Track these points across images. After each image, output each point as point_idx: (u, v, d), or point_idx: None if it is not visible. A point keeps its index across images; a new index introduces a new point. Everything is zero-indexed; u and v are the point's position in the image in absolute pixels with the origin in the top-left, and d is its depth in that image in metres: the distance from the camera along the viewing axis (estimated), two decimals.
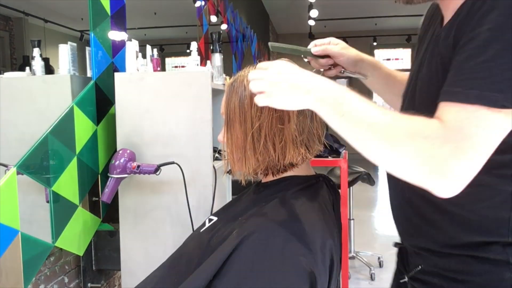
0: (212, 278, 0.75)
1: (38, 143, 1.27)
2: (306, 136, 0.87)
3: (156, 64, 1.62)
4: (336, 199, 0.95)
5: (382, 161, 0.65)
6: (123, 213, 1.54)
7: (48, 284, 1.47)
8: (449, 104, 0.62)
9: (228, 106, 0.89)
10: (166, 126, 1.49)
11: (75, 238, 1.45)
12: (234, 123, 0.88)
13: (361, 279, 3.10)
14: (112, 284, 1.84)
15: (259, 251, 0.74)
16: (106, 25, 1.62)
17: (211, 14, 3.40)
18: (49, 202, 1.32)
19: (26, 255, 1.19)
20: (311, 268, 0.74)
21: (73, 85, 1.50)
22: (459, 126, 0.60)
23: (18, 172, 1.17)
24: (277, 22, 8.33)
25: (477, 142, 0.59)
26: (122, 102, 1.52)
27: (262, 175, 0.93)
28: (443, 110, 0.62)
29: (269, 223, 0.77)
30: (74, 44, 1.53)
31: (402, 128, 0.63)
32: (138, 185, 1.53)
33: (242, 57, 4.49)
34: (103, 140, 1.59)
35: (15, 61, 1.57)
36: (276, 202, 0.84)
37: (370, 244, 3.77)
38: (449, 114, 0.61)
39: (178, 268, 0.90)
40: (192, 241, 0.95)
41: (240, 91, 0.87)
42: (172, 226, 1.51)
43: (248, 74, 0.87)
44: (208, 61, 1.74)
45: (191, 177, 1.47)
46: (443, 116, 0.62)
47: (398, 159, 0.63)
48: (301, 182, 0.89)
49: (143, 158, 1.50)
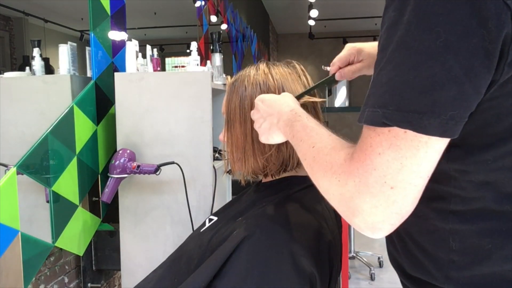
0: (212, 278, 0.75)
1: (38, 143, 1.27)
2: None
3: (156, 64, 1.62)
4: None
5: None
6: (123, 213, 1.54)
7: (48, 284, 1.47)
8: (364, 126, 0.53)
9: (228, 106, 0.89)
10: (166, 126, 1.49)
11: (75, 238, 1.45)
12: (234, 123, 0.88)
13: (361, 279, 3.10)
14: (112, 284, 1.84)
15: (259, 252, 0.74)
16: (106, 25, 1.62)
17: (211, 14, 3.40)
18: (49, 202, 1.32)
19: (26, 255, 1.19)
20: (311, 268, 0.74)
21: (73, 85, 1.50)
22: (363, 156, 0.51)
23: (18, 172, 1.17)
24: (277, 22, 8.33)
25: (382, 174, 0.49)
26: (122, 102, 1.52)
27: (262, 176, 0.93)
28: (362, 132, 0.54)
29: (269, 224, 0.77)
30: (74, 44, 1.53)
31: (319, 164, 0.58)
32: (138, 185, 1.53)
33: (242, 57, 4.49)
34: (103, 140, 1.59)
35: (15, 61, 1.57)
36: (277, 202, 0.84)
37: (370, 244, 3.77)
38: (360, 139, 0.53)
39: (178, 268, 0.90)
40: (192, 240, 0.95)
41: (241, 91, 0.87)
42: (172, 226, 1.51)
43: (249, 74, 0.87)
44: (208, 61, 1.74)
45: (191, 177, 1.47)
46: (360, 140, 0.53)
47: (325, 196, 0.58)
48: (301, 183, 0.89)
49: (143, 158, 1.50)
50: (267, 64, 0.90)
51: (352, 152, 0.53)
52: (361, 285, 3.02)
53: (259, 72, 0.88)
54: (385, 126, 0.48)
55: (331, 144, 0.59)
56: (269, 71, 0.88)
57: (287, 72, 0.88)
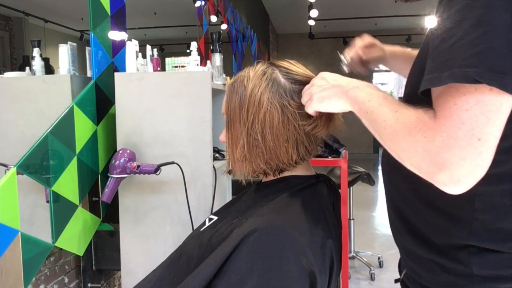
0: (212, 277, 0.75)
1: (38, 143, 1.27)
2: (305, 137, 0.87)
3: (156, 64, 1.62)
4: (336, 199, 0.95)
5: (398, 158, 0.64)
6: (123, 213, 1.54)
7: (48, 284, 1.47)
8: (434, 90, 0.60)
9: (228, 106, 0.89)
10: (166, 126, 1.49)
11: (75, 238, 1.45)
12: (234, 123, 0.88)
13: (361, 279, 3.10)
14: (112, 284, 1.84)
15: (259, 251, 0.74)
16: (106, 25, 1.62)
17: (211, 14, 3.40)
18: (49, 202, 1.32)
19: (26, 255, 1.19)
20: (311, 268, 0.74)
21: (73, 85, 1.50)
22: (448, 113, 0.56)
23: (18, 172, 1.17)
24: (277, 22, 8.33)
25: (470, 127, 0.54)
26: (122, 102, 1.52)
27: (262, 175, 0.93)
28: (434, 99, 0.60)
29: (269, 223, 0.78)
30: (74, 44, 1.53)
31: (404, 124, 0.62)
32: (138, 185, 1.53)
33: (242, 57, 4.49)
34: (103, 140, 1.59)
35: (15, 61, 1.57)
36: (277, 202, 0.84)
37: (370, 244, 3.77)
38: (437, 102, 0.59)
39: (178, 267, 0.90)
40: (192, 240, 0.95)
41: (240, 91, 0.87)
42: (172, 226, 1.51)
43: (248, 74, 0.88)
44: (208, 61, 1.74)
45: (191, 177, 1.47)
46: (435, 105, 0.59)
47: (404, 156, 0.62)
48: (301, 182, 0.89)
49: (143, 158, 1.50)
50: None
51: (435, 112, 0.58)
52: (361, 285, 3.02)
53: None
54: (476, 83, 0.54)
55: (411, 109, 0.63)
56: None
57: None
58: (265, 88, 0.85)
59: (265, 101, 0.84)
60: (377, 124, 0.67)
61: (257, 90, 0.85)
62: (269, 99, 0.84)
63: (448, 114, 0.56)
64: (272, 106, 0.84)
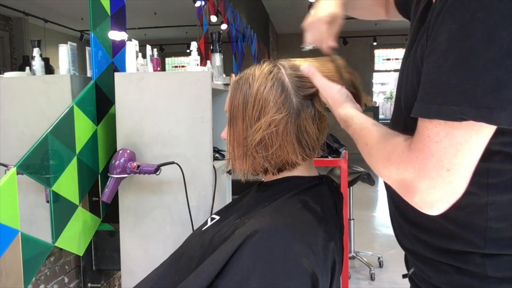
0: (214, 277, 0.75)
1: (38, 143, 1.26)
2: (307, 137, 0.87)
3: (156, 64, 1.62)
4: (339, 200, 0.95)
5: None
6: (123, 213, 1.54)
7: (48, 284, 1.47)
8: (420, 119, 0.61)
9: (232, 103, 0.89)
10: (166, 126, 1.49)
11: (75, 238, 1.45)
12: (236, 119, 0.88)
13: (361, 279, 3.10)
14: (112, 284, 1.84)
15: (261, 252, 0.74)
16: (106, 25, 1.62)
17: (211, 14, 3.40)
18: (49, 202, 1.32)
19: (26, 255, 1.19)
20: (313, 269, 0.74)
21: (73, 85, 1.50)
22: (421, 146, 0.60)
23: (18, 172, 1.17)
24: (277, 22, 8.33)
25: (439, 159, 0.58)
26: (122, 102, 1.52)
27: (262, 174, 0.93)
28: (417, 125, 0.62)
29: (271, 224, 0.77)
30: (74, 44, 1.53)
31: (381, 151, 0.67)
32: (138, 185, 1.53)
33: (242, 57, 4.49)
34: (103, 140, 1.59)
35: (15, 61, 1.57)
36: (279, 202, 0.84)
37: (370, 244, 3.77)
38: (418, 125, 0.61)
39: (179, 266, 0.90)
40: (193, 239, 0.95)
41: (245, 89, 0.87)
42: (172, 226, 1.51)
43: (254, 72, 0.87)
44: (208, 61, 1.74)
45: (191, 177, 1.47)
46: (417, 126, 0.61)
47: (386, 179, 0.67)
48: (304, 183, 0.89)
49: (143, 158, 1.50)
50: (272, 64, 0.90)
51: (409, 143, 0.62)
52: (361, 285, 3.02)
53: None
54: (461, 120, 0.56)
55: (382, 139, 0.68)
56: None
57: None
58: (271, 87, 0.85)
59: (270, 100, 0.84)
60: (360, 147, 0.73)
61: (263, 89, 0.85)
62: (274, 98, 0.84)
63: (421, 147, 0.60)
64: (277, 105, 0.84)
